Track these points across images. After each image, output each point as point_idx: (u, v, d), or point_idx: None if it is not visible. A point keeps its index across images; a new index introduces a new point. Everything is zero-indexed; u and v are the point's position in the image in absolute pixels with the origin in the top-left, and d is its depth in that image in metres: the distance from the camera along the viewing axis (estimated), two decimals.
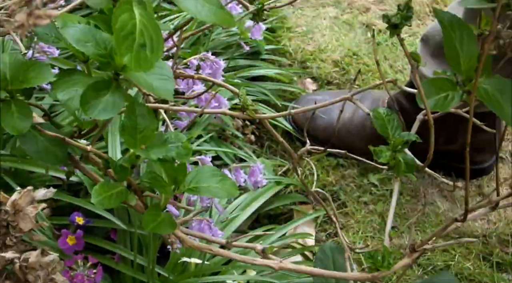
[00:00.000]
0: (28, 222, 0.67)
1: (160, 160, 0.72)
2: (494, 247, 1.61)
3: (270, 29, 2.20)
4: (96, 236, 1.30)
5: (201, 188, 0.77)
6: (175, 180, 0.76)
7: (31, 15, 0.51)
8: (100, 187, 0.72)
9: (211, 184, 0.77)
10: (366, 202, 1.71)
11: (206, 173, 0.78)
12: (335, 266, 1.21)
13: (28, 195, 0.67)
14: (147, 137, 0.71)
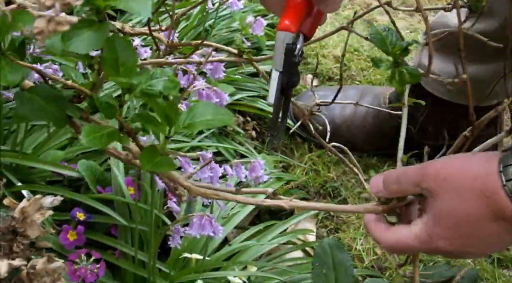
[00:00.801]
0: (35, 229, 0.68)
1: (147, 95, 0.70)
2: None
3: (271, 24, 2.19)
4: (97, 232, 1.30)
5: (196, 123, 0.74)
6: (168, 119, 0.72)
7: (51, 21, 0.51)
8: (90, 127, 0.69)
9: (206, 117, 0.74)
10: (367, 198, 1.70)
11: (199, 108, 0.75)
12: (334, 262, 1.21)
13: (37, 202, 0.67)
14: (129, 70, 0.69)
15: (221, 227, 1.07)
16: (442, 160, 0.77)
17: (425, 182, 0.74)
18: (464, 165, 0.73)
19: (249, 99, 1.83)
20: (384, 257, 1.56)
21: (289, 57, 0.75)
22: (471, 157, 0.76)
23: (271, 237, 1.44)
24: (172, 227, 1.10)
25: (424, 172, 0.74)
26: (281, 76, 0.75)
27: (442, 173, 0.73)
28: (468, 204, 0.71)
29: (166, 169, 0.72)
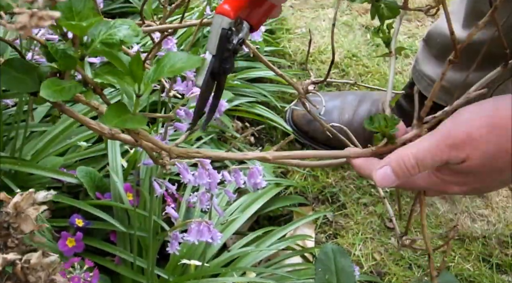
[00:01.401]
0: (29, 224, 0.67)
1: (107, 45, 0.65)
2: (493, 249, 1.61)
3: (270, 30, 2.20)
4: (95, 238, 1.30)
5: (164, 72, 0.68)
6: (133, 74, 0.67)
7: (34, 16, 0.51)
8: (50, 81, 0.64)
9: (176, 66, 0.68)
10: (366, 203, 1.71)
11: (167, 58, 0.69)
12: (336, 267, 1.21)
13: (30, 197, 0.66)
14: (86, 18, 0.64)
15: (219, 233, 1.07)
16: (464, 125, 0.66)
17: (457, 157, 0.66)
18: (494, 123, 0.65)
19: (247, 105, 1.83)
20: (383, 262, 1.56)
21: (224, 43, 0.72)
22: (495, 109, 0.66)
23: (270, 243, 1.43)
24: (171, 233, 1.10)
25: (452, 146, 0.65)
26: (214, 60, 0.72)
27: (475, 142, 0.65)
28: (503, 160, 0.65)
29: (134, 126, 0.65)
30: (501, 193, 1.78)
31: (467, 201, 1.74)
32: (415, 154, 0.66)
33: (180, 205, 1.40)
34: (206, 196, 1.09)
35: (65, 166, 1.41)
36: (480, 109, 0.66)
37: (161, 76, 0.68)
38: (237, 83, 1.86)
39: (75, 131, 1.49)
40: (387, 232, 1.64)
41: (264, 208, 1.55)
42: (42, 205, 0.69)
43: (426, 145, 0.66)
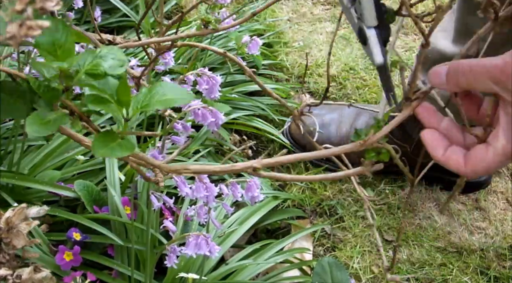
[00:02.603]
0: (21, 239, 0.67)
1: (92, 76, 0.63)
2: (491, 261, 1.60)
3: (267, 44, 2.21)
4: (93, 252, 1.30)
5: (154, 102, 0.67)
6: (119, 101, 0.65)
7: (23, 26, 0.50)
8: (34, 116, 0.62)
9: (165, 97, 0.68)
10: (364, 216, 1.70)
11: (157, 88, 0.69)
12: (333, 280, 1.21)
13: (22, 212, 0.66)
14: (69, 51, 0.63)
15: (217, 247, 1.07)
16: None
17: (509, 79, 0.61)
18: None
19: (245, 118, 1.83)
20: (381, 275, 1.56)
21: (379, 8, 0.66)
22: None
23: (268, 256, 1.43)
24: (168, 247, 1.10)
25: (508, 65, 0.61)
26: (379, 30, 0.67)
27: None
28: None
29: (123, 154, 0.64)
30: (498, 206, 1.78)
31: (464, 213, 1.74)
32: (471, 64, 0.63)
33: (178, 219, 1.40)
34: (203, 210, 1.09)
35: (62, 180, 1.41)
36: None
37: (154, 107, 0.67)
38: (235, 96, 1.86)
39: (72, 145, 1.50)
40: (385, 245, 1.64)
41: (262, 221, 1.55)
42: (35, 220, 0.69)
43: (483, 62, 0.63)
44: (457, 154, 0.67)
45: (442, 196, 1.78)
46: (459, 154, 0.67)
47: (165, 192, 1.39)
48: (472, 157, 0.66)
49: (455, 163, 0.67)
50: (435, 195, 1.78)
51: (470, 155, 0.66)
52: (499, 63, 0.61)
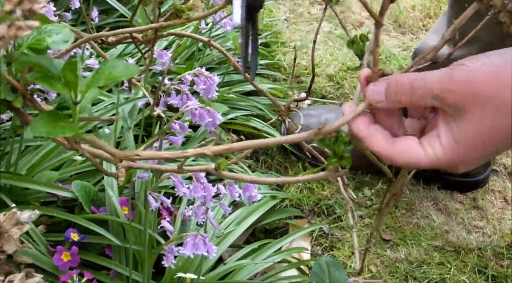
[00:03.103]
0: (12, 244, 0.67)
1: (35, 51, 0.61)
2: (489, 260, 1.61)
3: (265, 43, 2.21)
4: (91, 253, 1.30)
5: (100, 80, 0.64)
6: (65, 81, 0.62)
7: (12, 26, 0.50)
8: None
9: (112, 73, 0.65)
10: (362, 215, 1.71)
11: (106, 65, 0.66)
12: (331, 280, 1.21)
13: (13, 217, 0.66)
14: None
15: (215, 247, 1.07)
16: (471, 65, 0.59)
17: (450, 96, 0.59)
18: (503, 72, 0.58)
19: (243, 118, 1.83)
20: (379, 274, 1.56)
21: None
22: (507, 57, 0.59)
23: (266, 256, 1.43)
24: (166, 247, 1.10)
25: (449, 81, 0.59)
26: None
27: (475, 85, 0.58)
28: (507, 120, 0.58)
29: (64, 134, 0.61)
30: (496, 204, 1.78)
31: (462, 212, 1.74)
32: (412, 82, 0.62)
33: (175, 219, 1.40)
34: (201, 209, 1.09)
35: (60, 180, 1.41)
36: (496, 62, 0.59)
37: (99, 84, 0.64)
38: (233, 96, 1.86)
39: None
40: (383, 244, 1.64)
41: (260, 221, 1.55)
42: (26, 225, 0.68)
43: (424, 78, 0.61)
44: (381, 133, 0.65)
45: (439, 195, 1.79)
46: (384, 134, 0.65)
47: (162, 192, 1.39)
48: (398, 145, 0.64)
49: (376, 141, 0.64)
50: (433, 194, 1.78)
51: (397, 141, 0.64)
52: (440, 79, 0.60)
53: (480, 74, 0.58)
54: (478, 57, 0.60)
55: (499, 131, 0.59)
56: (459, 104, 0.59)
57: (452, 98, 0.59)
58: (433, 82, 0.60)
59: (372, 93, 0.64)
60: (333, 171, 0.66)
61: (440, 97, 0.60)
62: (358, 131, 0.65)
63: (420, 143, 0.63)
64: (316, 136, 0.64)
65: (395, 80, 0.63)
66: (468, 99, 0.58)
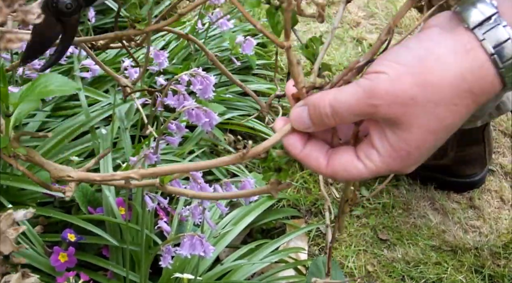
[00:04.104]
0: (8, 245, 0.67)
1: None
2: (486, 260, 1.61)
3: (261, 44, 2.21)
4: (88, 253, 1.30)
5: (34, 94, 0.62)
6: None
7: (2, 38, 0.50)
8: None
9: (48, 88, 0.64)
10: (359, 215, 1.71)
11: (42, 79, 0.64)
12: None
13: (9, 218, 0.66)
14: None
15: (212, 247, 1.07)
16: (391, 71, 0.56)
17: (377, 110, 0.56)
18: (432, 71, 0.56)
19: (240, 118, 1.83)
20: (376, 274, 1.56)
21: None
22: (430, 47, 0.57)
23: (263, 256, 1.43)
24: (163, 247, 1.10)
25: (372, 97, 0.56)
26: None
27: (399, 94, 0.56)
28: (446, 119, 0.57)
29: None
30: (493, 204, 1.78)
31: (459, 212, 1.75)
32: (332, 104, 0.58)
33: (172, 219, 1.40)
34: (198, 210, 1.09)
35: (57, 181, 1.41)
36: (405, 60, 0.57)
37: (32, 97, 0.63)
38: (229, 97, 1.86)
39: (66, 145, 1.49)
40: (380, 244, 1.64)
41: (257, 221, 1.55)
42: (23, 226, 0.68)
43: (344, 97, 0.58)
44: (317, 152, 0.61)
45: (436, 195, 1.79)
46: (321, 151, 0.62)
47: (159, 193, 1.39)
48: (336, 162, 0.61)
49: (315, 161, 0.61)
50: (430, 194, 1.79)
51: (334, 157, 0.61)
52: (361, 96, 0.57)
53: (400, 80, 0.56)
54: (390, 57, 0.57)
55: (435, 128, 0.57)
56: (389, 116, 0.56)
57: (381, 112, 0.56)
58: (354, 100, 0.57)
59: (296, 118, 0.61)
60: (275, 184, 0.64)
61: (366, 114, 0.57)
62: (293, 151, 0.61)
63: (357, 157, 0.60)
64: (242, 160, 0.62)
65: (312, 104, 0.60)
66: (398, 109, 0.56)
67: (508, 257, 1.63)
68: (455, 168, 1.76)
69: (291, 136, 0.61)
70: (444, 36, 0.57)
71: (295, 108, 0.61)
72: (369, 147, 0.59)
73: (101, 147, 1.46)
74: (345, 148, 0.61)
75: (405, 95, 0.55)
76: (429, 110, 0.56)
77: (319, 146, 0.62)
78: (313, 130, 0.60)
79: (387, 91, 0.55)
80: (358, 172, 0.60)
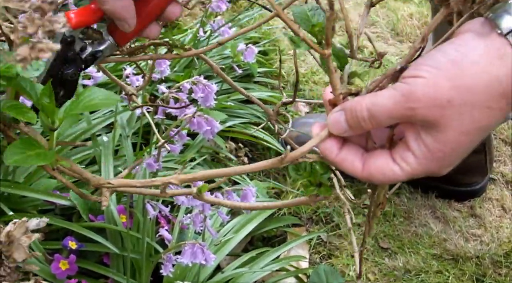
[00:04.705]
0: (21, 253, 0.67)
1: (5, 79, 0.61)
2: (487, 268, 1.61)
3: (263, 52, 2.22)
4: (89, 261, 1.29)
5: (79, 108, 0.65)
6: (42, 108, 0.62)
7: (34, 48, 0.51)
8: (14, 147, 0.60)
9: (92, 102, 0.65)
10: (360, 224, 1.71)
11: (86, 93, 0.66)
12: None
13: (23, 226, 0.67)
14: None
15: (213, 255, 1.07)
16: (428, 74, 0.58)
17: (414, 114, 0.58)
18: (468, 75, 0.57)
19: (241, 125, 1.84)
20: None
21: (63, 48, 0.68)
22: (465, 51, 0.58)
23: (264, 264, 1.43)
24: (164, 255, 1.10)
25: (410, 100, 0.58)
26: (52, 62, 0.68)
27: (437, 96, 0.57)
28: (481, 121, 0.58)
29: (37, 163, 0.61)
30: (494, 213, 1.78)
31: (460, 220, 1.75)
32: (368, 107, 0.60)
33: (173, 227, 1.40)
34: (199, 218, 1.09)
35: (58, 188, 1.41)
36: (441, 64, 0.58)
37: (77, 111, 0.64)
38: (231, 104, 1.86)
39: (68, 153, 1.49)
40: (381, 252, 1.64)
41: (258, 229, 1.55)
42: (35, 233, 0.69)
43: (381, 101, 0.59)
44: (353, 155, 0.63)
45: (437, 203, 1.79)
46: (356, 155, 0.63)
47: (160, 201, 1.39)
48: (372, 165, 0.62)
49: (351, 165, 0.63)
50: (431, 203, 1.78)
51: (369, 161, 0.62)
52: (398, 100, 0.58)
53: (437, 83, 0.57)
54: (427, 62, 0.58)
55: (470, 130, 0.59)
56: (426, 119, 0.58)
57: (418, 114, 0.57)
58: (391, 104, 0.58)
59: (334, 122, 0.62)
60: (313, 197, 0.66)
61: (404, 117, 0.58)
62: (329, 156, 0.63)
63: (393, 159, 0.61)
64: (280, 164, 0.63)
65: (349, 108, 0.61)
66: (435, 112, 0.57)
67: (509, 266, 1.62)
68: (456, 177, 1.76)
69: (327, 141, 0.63)
70: (478, 41, 0.58)
71: (332, 114, 0.63)
72: (404, 150, 0.61)
73: (103, 154, 1.46)
74: (380, 151, 0.63)
75: (442, 97, 0.57)
76: (464, 113, 0.57)
77: (355, 150, 0.63)
78: (350, 134, 0.62)
79: (425, 94, 0.57)
80: (394, 175, 0.61)
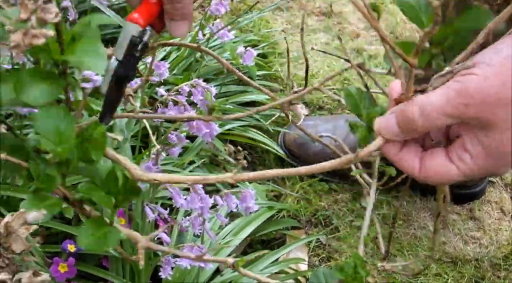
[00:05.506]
0: (20, 244, 0.67)
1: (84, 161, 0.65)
2: (486, 271, 1.61)
3: (262, 54, 2.22)
4: (88, 264, 1.29)
5: None
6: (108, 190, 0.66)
7: (27, 34, 0.51)
8: (30, 199, 0.65)
9: None
10: (359, 226, 1.71)
11: None
12: None
13: (21, 217, 0.67)
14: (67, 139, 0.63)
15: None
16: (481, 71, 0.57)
17: (468, 111, 0.57)
18: None
19: (240, 128, 1.84)
20: None
21: (132, 49, 0.72)
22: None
23: (263, 267, 1.43)
24: (163, 258, 1.10)
25: (463, 96, 0.57)
26: (119, 65, 0.73)
27: (492, 93, 0.56)
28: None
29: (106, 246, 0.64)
30: (493, 215, 1.78)
31: (459, 223, 1.75)
32: (420, 106, 0.59)
33: (172, 230, 1.40)
34: (198, 220, 1.09)
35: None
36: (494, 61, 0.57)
37: None
38: (230, 107, 1.86)
39: None
40: (381, 255, 1.64)
41: (257, 232, 1.55)
42: (33, 225, 0.69)
43: (432, 99, 0.59)
44: (411, 155, 0.64)
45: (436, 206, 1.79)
46: (414, 156, 0.64)
47: (159, 203, 1.39)
48: (428, 166, 0.63)
49: (408, 165, 0.64)
50: (430, 205, 1.79)
51: (427, 161, 0.63)
52: (451, 97, 0.58)
53: (488, 80, 0.57)
54: (480, 60, 0.58)
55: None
56: (479, 115, 0.57)
57: (471, 111, 0.57)
58: (444, 101, 0.58)
59: (386, 129, 0.62)
60: None
61: (456, 114, 0.58)
62: (389, 155, 0.64)
63: (449, 159, 0.62)
64: (354, 161, 0.64)
65: (399, 110, 0.61)
66: (488, 109, 0.57)
67: (508, 269, 1.62)
68: None
69: None
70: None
71: (381, 118, 0.63)
72: (461, 149, 0.61)
73: None
74: (437, 151, 0.63)
75: (494, 95, 0.56)
76: None
77: (413, 150, 0.64)
78: (402, 138, 0.62)
79: (477, 90, 0.57)
80: (451, 175, 0.62)
